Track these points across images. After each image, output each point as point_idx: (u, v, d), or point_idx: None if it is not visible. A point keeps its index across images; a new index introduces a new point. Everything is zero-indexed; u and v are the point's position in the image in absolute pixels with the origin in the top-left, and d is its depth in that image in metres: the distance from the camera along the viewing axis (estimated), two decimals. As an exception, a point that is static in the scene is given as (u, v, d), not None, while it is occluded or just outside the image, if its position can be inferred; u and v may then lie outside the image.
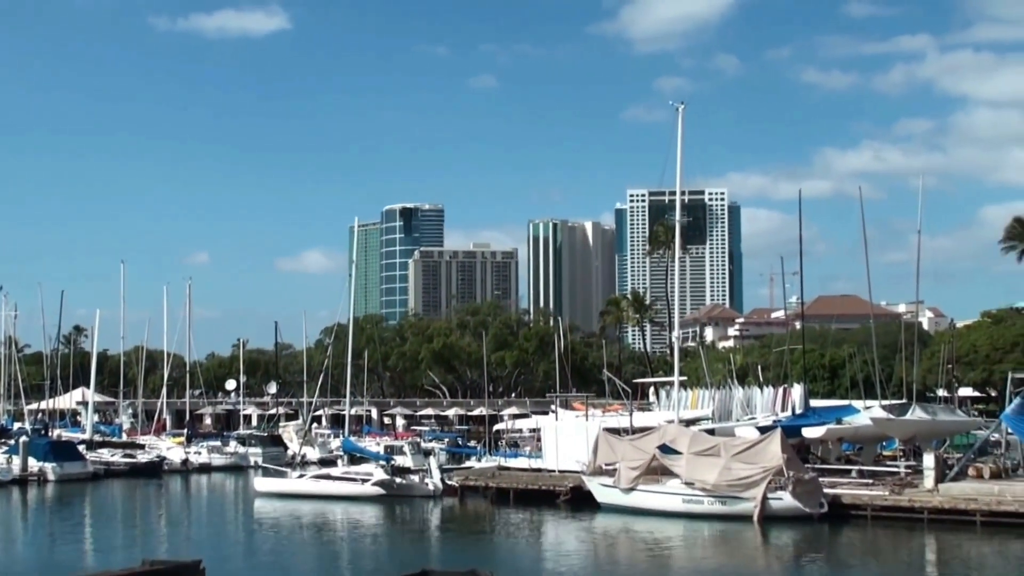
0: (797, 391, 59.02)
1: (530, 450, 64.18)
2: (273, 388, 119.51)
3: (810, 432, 51.34)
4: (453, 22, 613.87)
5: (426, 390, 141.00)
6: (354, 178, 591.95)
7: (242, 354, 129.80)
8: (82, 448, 76.30)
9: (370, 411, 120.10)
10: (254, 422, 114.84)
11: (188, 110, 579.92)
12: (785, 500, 42.74)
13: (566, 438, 56.09)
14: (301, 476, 60.48)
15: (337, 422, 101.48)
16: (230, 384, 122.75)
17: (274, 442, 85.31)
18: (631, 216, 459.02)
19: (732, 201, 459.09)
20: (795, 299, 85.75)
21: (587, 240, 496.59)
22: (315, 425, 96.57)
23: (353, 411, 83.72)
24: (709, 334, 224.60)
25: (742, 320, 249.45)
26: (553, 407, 74.45)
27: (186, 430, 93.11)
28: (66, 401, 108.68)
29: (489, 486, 54.19)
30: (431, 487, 56.14)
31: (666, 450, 46.94)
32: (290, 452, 77.93)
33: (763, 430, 49.64)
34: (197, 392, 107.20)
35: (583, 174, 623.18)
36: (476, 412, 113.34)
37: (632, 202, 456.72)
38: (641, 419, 58.63)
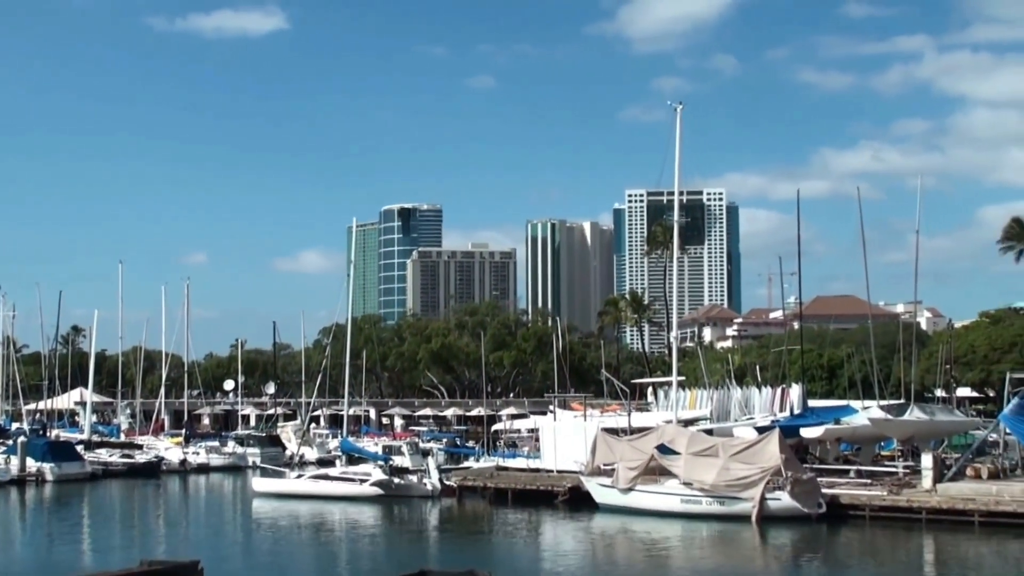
0: (795, 391, 59.01)
1: (528, 450, 64.16)
2: (271, 388, 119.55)
3: (808, 432, 51.34)
4: (451, 22, 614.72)
5: (424, 390, 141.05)
6: (352, 178, 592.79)
7: (240, 354, 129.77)
8: (80, 448, 76.25)
9: (368, 411, 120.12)
10: (252, 422, 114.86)
11: (186, 110, 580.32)
12: (783, 500, 42.75)
13: (564, 438, 56.09)
14: (299, 476, 60.47)
15: (335, 422, 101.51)
16: (228, 384, 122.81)
17: (272, 442, 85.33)
18: (629, 216, 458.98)
19: (730, 201, 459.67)
20: (793, 299, 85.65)
21: (585, 240, 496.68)
22: (313, 425, 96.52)
23: (351, 411, 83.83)
24: (707, 334, 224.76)
25: (740, 320, 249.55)
26: (551, 407, 74.44)
27: (184, 430, 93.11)
28: (64, 401, 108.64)
29: (487, 486, 54.19)
30: (429, 487, 56.12)
31: (664, 450, 46.94)
32: (288, 452, 77.95)
33: (761, 430, 49.62)
34: (195, 392, 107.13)
35: (581, 174, 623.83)
36: (474, 412, 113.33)
37: (630, 202, 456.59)
38: (639, 419, 58.63)
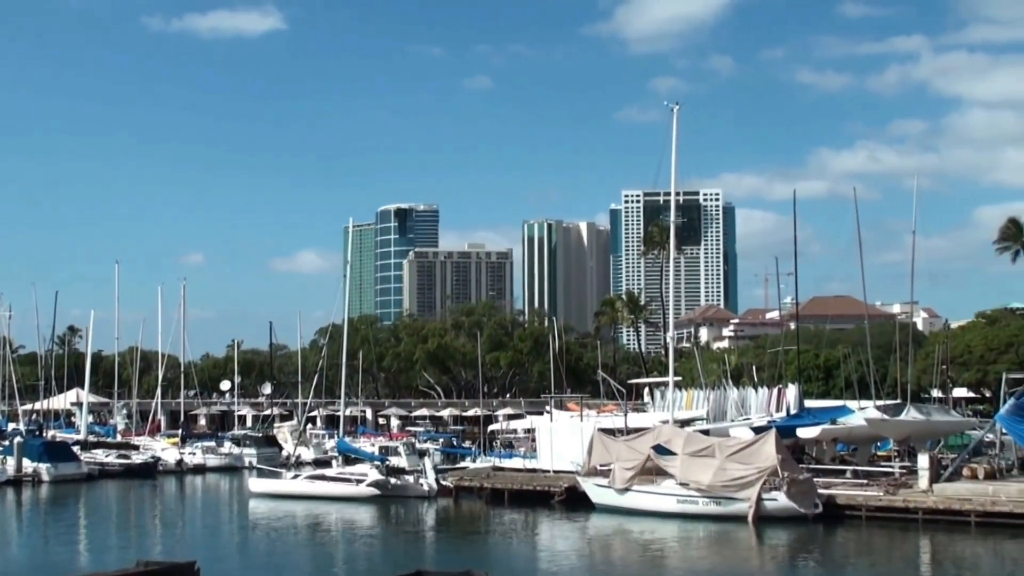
0: (792, 391, 59.06)
1: (525, 451, 64.11)
2: (268, 389, 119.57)
3: (805, 432, 51.35)
4: (448, 23, 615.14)
5: (421, 391, 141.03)
6: (349, 178, 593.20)
7: (237, 355, 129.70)
8: (76, 449, 76.20)
9: (365, 412, 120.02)
10: (249, 423, 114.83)
11: (182, 111, 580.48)
12: (780, 500, 42.78)
13: (561, 439, 56.13)
14: (296, 477, 60.45)
15: (332, 423, 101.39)
16: (225, 385, 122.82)
17: (269, 443, 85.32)
18: (626, 217, 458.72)
19: (727, 202, 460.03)
20: (790, 299, 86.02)
21: (582, 241, 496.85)
22: (310, 426, 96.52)
23: (348, 412, 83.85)
24: (704, 335, 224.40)
25: (737, 321, 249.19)
26: (548, 408, 74.48)
27: (181, 431, 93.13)
28: (60, 402, 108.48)
29: (484, 487, 54.18)
30: (426, 488, 56.09)
31: (661, 451, 46.95)
32: (285, 453, 77.94)
33: (758, 431, 49.65)
34: (192, 393, 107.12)
35: (578, 174, 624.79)
36: (471, 413, 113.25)
37: (627, 203, 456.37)
38: (636, 420, 58.68)
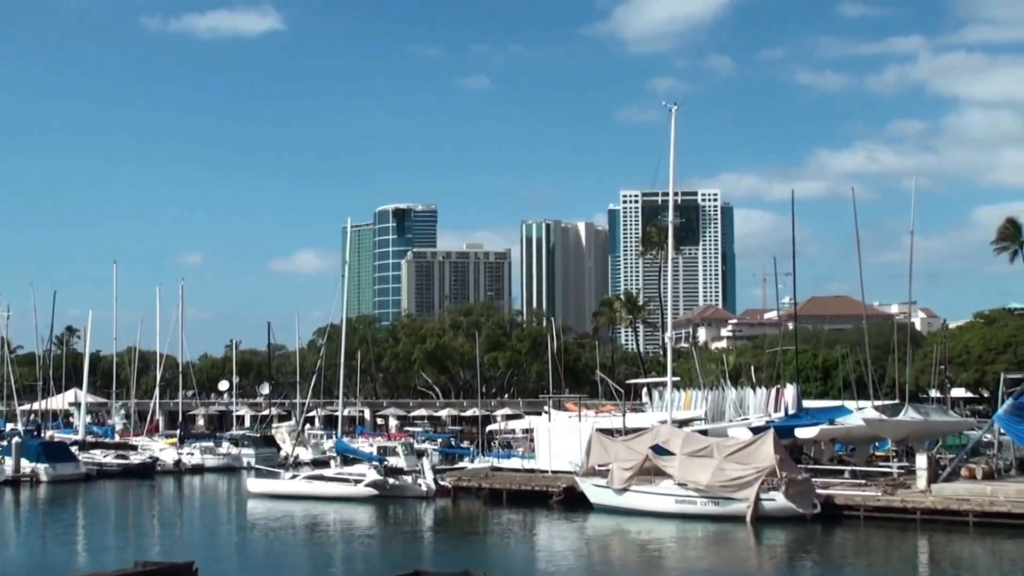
0: (790, 392, 59.10)
1: (523, 451, 64.12)
2: (266, 389, 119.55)
3: (803, 433, 51.38)
4: (446, 23, 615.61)
5: (419, 391, 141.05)
6: (347, 179, 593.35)
7: (235, 355, 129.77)
8: (75, 449, 76.15)
9: (363, 412, 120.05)
10: (247, 423, 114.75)
11: (181, 111, 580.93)
12: (778, 501, 42.78)
13: (559, 439, 56.15)
14: (294, 477, 60.41)
15: (330, 423, 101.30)
16: (223, 385, 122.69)
17: (267, 443, 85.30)
18: (624, 217, 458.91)
19: (725, 202, 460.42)
20: (788, 300, 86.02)
21: (580, 241, 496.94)
22: (308, 426, 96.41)
23: (346, 412, 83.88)
24: (702, 335, 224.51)
25: (735, 321, 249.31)
26: (546, 408, 74.51)
27: (179, 431, 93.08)
28: (59, 402, 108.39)
29: (482, 487, 54.18)
30: (424, 488, 56.07)
31: (659, 451, 46.96)
32: (283, 453, 77.91)
33: (756, 431, 49.71)
34: (190, 393, 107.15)
35: (576, 175, 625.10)
36: (469, 413, 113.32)
37: (625, 203, 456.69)
38: (634, 420, 58.73)
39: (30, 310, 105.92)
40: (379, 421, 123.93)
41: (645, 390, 79.35)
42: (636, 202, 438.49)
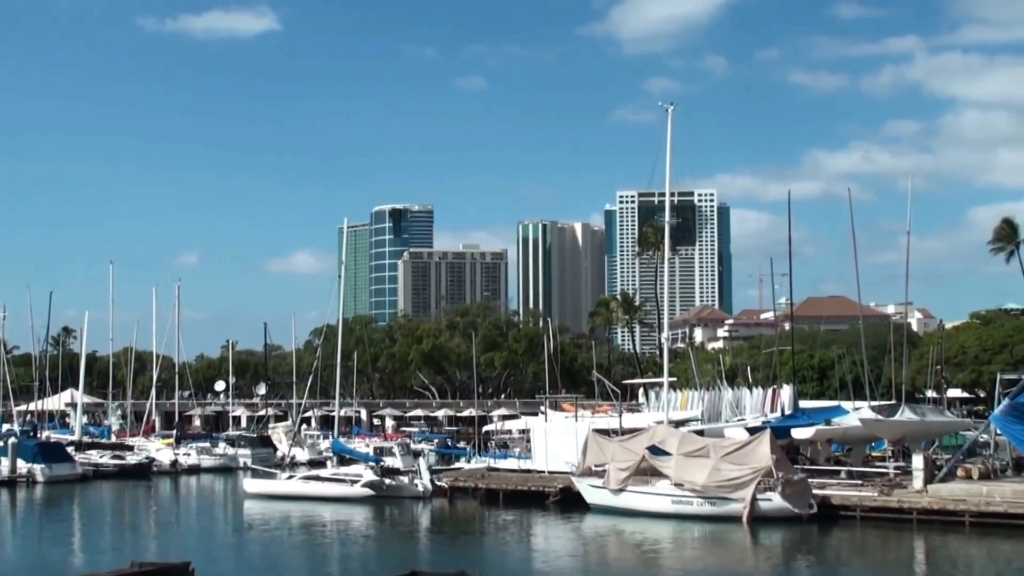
0: (786, 392, 59.09)
1: (519, 451, 64.18)
2: (262, 389, 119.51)
3: (799, 433, 51.43)
4: (442, 23, 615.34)
5: (415, 391, 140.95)
6: (343, 179, 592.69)
7: (231, 355, 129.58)
8: (71, 450, 76.14)
9: (359, 412, 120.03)
10: (243, 423, 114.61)
11: (177, 112, 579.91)
12: (774, 501, 42.81)
13: (555, 439, 56.09)
14: (290, 477, 60.42)
15: (326, 423, 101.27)
16: (219, 385, 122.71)
17: (263, 443, 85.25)
18: (620, 217, 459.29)
19: (721, 202, 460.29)
20: (784, 300, 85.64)
21: (576, 241, 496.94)
22: (304, 426, 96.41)
23: (342, 412, 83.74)
24: (698, 335, 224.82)
25: (731, 321, 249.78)
26: (542, 408, 74.51)
27: (175, 431, 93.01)
28: (55, 403, 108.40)
29: (478, 487, 54.17)
30: (420, 488, 56.09)
31: (655, 451, 46.96)
32: (279, 453, 77.92)
33: (752, 431, 49.73)
34: (186, 393, 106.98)
35: (572, 175, 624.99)
36: (465, 413, 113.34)
37: (621, 203, 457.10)
38: (630, 420, 58.65)
39: (26, 310, 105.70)
40: (375, 421, 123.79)
41: (642, 390, 79.32)
42: (632, 202, 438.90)
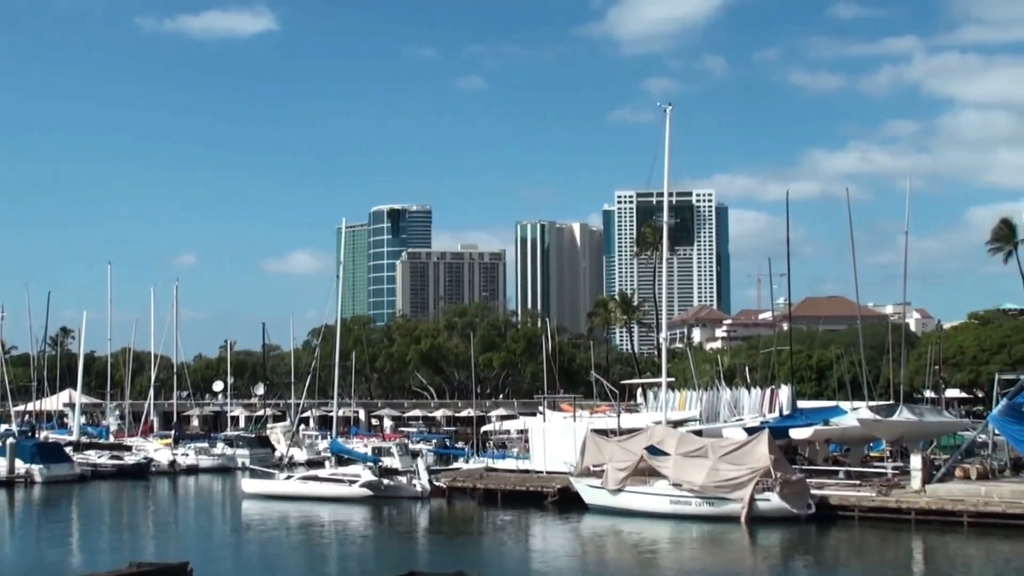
0: (784, 392, 59.10)
1: (518, 451, 64.16)
2: (261, 390, 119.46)
3: (797, 433, 51.45)
4: (441, 23, 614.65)
5: (414, 391, 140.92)
6: (341, 179, 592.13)
7: (229, 355, 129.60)
8: (69, 450, 76.09)
9: (358, 412, 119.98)
10: (242, 424, 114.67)
11: (175, 112, 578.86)
12: (772, 501, 42.82)
13: (554, 439, 56.10)
14: (289, 478, 60.41)
15: (325, 423, 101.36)
16: (217, 386, 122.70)
17: (262, 444, 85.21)
18: (619, 217, 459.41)
19: (719, 202, 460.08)
20: (782, 300, 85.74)
21: (575, 241, 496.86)
22: (302, 427, 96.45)
23: (341, 412, 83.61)
24: (697, 335, 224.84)
25: (730, 321, 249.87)
26: (541, 408, 74.48)
27: (173, 432, 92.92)
28: (53, 403, 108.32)
29: (477, 487, 54.17)
30: (419, 488, 56.09)
31: (654, 451, 46.97)
32: (278, 454, 77.90)
33: (751, 431, 49.74)
34: (184, 394, 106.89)
35: (571, 175, 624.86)
36: (464, 413, 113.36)
37: (620, 203, 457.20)
38: (629, 420, 58.68)
39: (24, 311, 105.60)
40: (374, 422, 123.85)
41: (640, 391, 79.32)
42: (631, 203, 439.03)
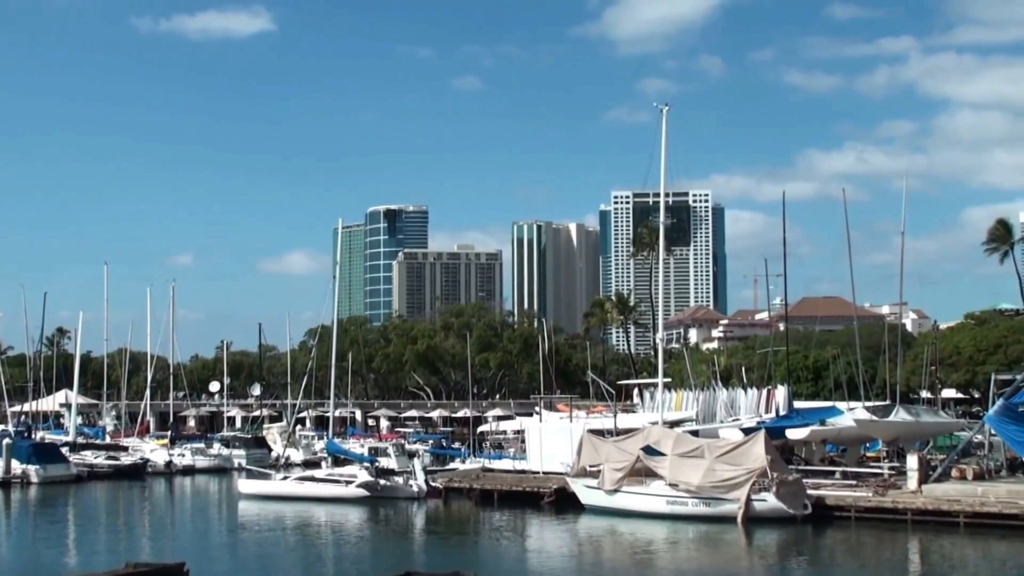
0: (781, 392, 59.11)
1: (514, 452, 64.16)
2: (257, 390, 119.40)
3: (794, 433, 51.45)
4: (437, 23, 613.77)
5: (410, 392, 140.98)
6: (338, 179, 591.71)
7: (226, 356, 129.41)
8: (65, 450, 76.06)
9: (354, 413, 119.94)
10: (238, 424, 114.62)
11: (172, 112, 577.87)
12: (769, 501, 42.86)
13: (550, 440, 56.16)
14: (285, 478, 60.40)
15: (321, 424, 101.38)
16: (214, 386, 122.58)
17: (258, 444, 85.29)
18: (615, 218, 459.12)
19: (716, 203, 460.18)
20: (779, 301, 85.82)
21: (571, 242, 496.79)
22: (299, 427, 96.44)
23: (337, 413, 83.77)
24: (693, 336, 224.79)
25: (726, 322, 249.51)
26: (537, 409, 74.50)
27: (170, 432, 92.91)
28: (49, 403, 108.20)
29: (473, 488, 54.22)
30: (415, 489, 56.07)
31: (650, 452, 46.99)
32: (274, 454, 77.86)
33: (747, 432, 49.76)
34: (181, 394, 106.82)
35: (567, 175, 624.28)
36: (460, 414, 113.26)
37: (616, 204, 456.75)
38: (625, 421, 58.71)
39: (20, 311, 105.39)
40: (370, 422, 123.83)
41: (636, 391, 79.37)
42: (627, 203, 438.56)
